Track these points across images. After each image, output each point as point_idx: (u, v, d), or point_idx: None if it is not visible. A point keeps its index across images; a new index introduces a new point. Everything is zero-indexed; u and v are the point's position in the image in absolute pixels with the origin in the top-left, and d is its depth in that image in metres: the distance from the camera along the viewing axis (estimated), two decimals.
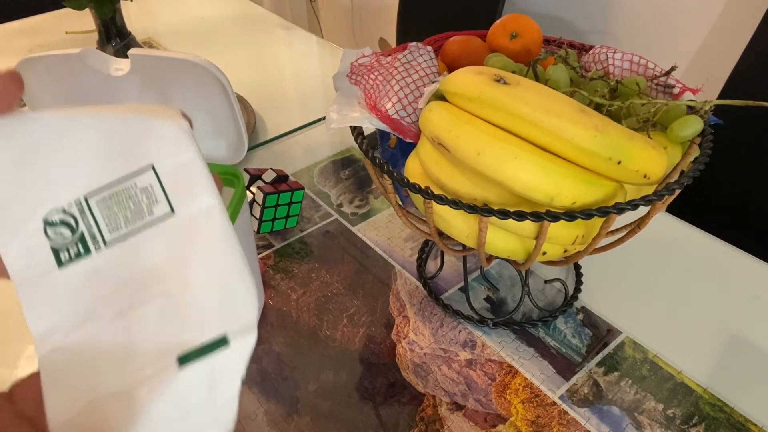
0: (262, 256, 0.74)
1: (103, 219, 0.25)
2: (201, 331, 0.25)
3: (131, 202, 0.25)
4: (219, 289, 0.25)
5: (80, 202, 0.24)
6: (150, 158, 0.25)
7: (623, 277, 0.70)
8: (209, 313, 0.25)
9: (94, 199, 0.25)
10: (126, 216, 0.25)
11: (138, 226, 0.25)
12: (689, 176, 0.47)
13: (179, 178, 0.25)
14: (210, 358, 0.25)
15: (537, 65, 0.54)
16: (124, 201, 0.25)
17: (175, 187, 0.25)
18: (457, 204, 0.47)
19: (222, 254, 0.26)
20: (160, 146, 0.25)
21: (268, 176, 0.75)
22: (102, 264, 0.25)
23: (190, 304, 0.25)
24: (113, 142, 0.25)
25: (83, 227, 0.25)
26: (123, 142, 0.25)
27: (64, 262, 0.25)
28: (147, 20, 1.40)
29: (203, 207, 0.25)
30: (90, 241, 0.25)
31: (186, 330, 0.25)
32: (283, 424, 0.56)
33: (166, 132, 0.26)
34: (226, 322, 0.25)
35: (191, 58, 0.49)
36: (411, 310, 0.67)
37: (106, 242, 0.25)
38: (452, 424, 0.56)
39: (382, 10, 2.25)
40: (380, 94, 0.55)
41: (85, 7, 0.99)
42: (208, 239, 0.25)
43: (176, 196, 0.25)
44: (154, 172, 0.25)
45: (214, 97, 0.52)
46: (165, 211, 0.25)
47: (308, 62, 1.23)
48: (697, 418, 0.55)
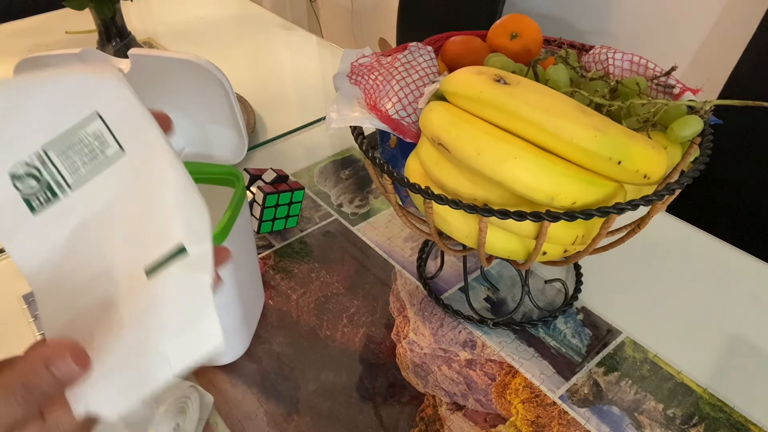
0: (262, 256, 0.74)
1: (63, 166, 0.29)
2: (161, 245, 0.29)
3: (85, 147, 0.29)
4: (172, 207, 0.29)
5: (39, 154, 0.28)
6: (94, 107, 0.29)
7: (623, 277, 0.70)
8: (166, 228, 0.29)
9: (52, 151, 0.28)
10: (83, 160, 0.29)
11: (95, 167, 0.29)
12: (689, 176, 0.47)
13: (123, 120, 0.29)
14: (173, 266, 0.28)
15: (537, 65, 0.54)
16: (79, 148, 0.29)
17: (121, 129, 0.29)
18: (457, 204, 0.47)
19: (170, 178, 0.29)
20: (101, 96, 0.29)
21: (268, 176, 0.75)
22: (71, 204, 0.29)
23: (149, 224, 0.29)
24: (59, 98, 0.28)
25: (47, 176, 0.28)
26: (68, 97, 0.29)
27: (36, 208, 0.28)
28: (147, 20, 1.40)
29: (147, 141, 0.29)
30: (56, 187, 0.29)
31: (150, 247, 0.29)
32: (283, 424, 0.56)
33: (104, 84, 0.29)
34: (182, 234, 0.29)
35: (191, 58, 0.49)
36: (411, 310, 0.67)
37: (70, 186, 0.29)
38: (452, 424, 0.56)
39: (382, 10, 2.25)
40: (380, 94, 0.55)
41: (85, 7, 0.99)
42: (156, 167, 0.29)
43: (123, 136, 0.29)
44: (101, 119, 0.29)
45: (214, 97, 0.52)
46: (116, 151, 0.29)
47: (308, 62, 1.23)
48: (697, 418, 0.55)
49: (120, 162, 0.29)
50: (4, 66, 1.13)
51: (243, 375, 0.60)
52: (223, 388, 0.59)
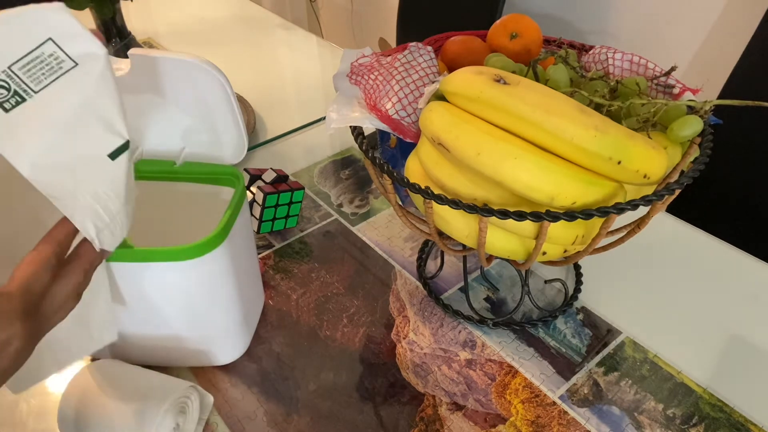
0: (262, 256, 0.74)
1: (28, 78, 0.38)
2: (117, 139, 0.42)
3: (44, 63, 0.38)
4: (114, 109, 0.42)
5: (6, 71, 0.37)
6: (46, 35, 0.39)
7: (623, 277, 0.70)
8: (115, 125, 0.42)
9: (16, 67, 0.37)
10: (44, 73, 0.38)
11: (55, 77, 0.39)
12: (689, 176, 0.47)
13: (73, 42, 0.39)
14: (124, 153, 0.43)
15: (537, 65, 0.54)
16: (39, 64, 0.38)
17: (72, 48, 0.39)
18: (457, 204, 0.47)
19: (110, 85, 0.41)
20: (51, 26, 0.39)
21: (268, 176, 0.75)
22: (37, 105, 0.38)
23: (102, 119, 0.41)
24: (17, 31, 0.38)
25: (15, 86, 0.37)
26: (23, 29, 0.38)
27: (8, 109, 0.37)
28: (147, 20, 1.40)
29: (91, 54, 0.40)
30: (23, 93, 0.38)
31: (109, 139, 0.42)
32: (283, 424, 0.56)
33: (54, 15, 0.39)
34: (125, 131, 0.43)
35: (191, 58, 0.49)
36: (411, 310, 0.67)
37: (35, 91, 0.38)
38: (452, 424, 0.56)
39: (382, 10, 2.25)
40: (380, 94, 0.55)
41: (85, 7, 0.99)
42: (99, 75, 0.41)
43: (74, 53, 0.39)
44: (54, 42, 0.39)
45: (214, 97, 0.52)
46: (71, 65, 0.40)
47: (308, 62, 1.23)
48: (697, 418, 0.55)
49: (74, 71, 0.39)
50: None
51: (243, 375, 0.60)
52: (223, 388, 0.59)
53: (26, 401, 0.58)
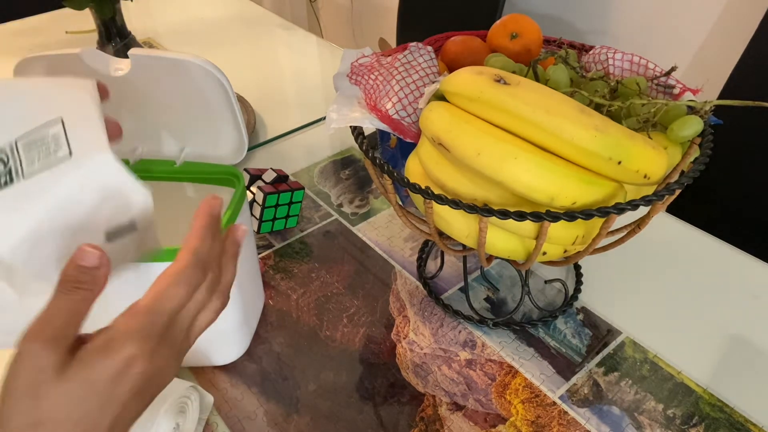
0: (262, 256, 0.74)
1: (24, 157, 0.34)
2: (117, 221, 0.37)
3: (44, 145, 0.35)
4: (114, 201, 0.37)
5: (12, 145, 0.34)
6: (61, 113, 0.35)
7: (623, 277, 0.70)
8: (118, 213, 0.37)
9: (21, 142, 0.34)
10: (38, 155, 0.34)
11: (47, 164, 0.35)
12: (689, 176, 0.47)
13: (79, 128, 0.35)
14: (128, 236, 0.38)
15: (537, 65, 0.54)
16: (39, 144, 0.35)
17: (75, 135, 0.35)
18: (457, 204, 0.47)
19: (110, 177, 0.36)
20: (70, 105, 0.36)
21: (268, 176, 0.75)
22: (23, 190, 0.34)
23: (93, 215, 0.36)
24: (38, 102, 0.35)
25: (12, 164, 0.34)
26: (45, 102, 0.35)
27: None
28: (147, 20, 1.40)
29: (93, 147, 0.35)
30: (14, 174, 0.34)
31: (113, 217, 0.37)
32: (283, 424, 0.56)
33: (76, 95, 0.36)
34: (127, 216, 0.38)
35: (191, 58, 0.49)
36: (411, 310, 0.67)
37: (24, 175, 0.34)
38: (452, 424, 0.56)
39: (382, 10, 2.25)
40: (380, 94, 0.55)
41: (85, 7, 0.99)
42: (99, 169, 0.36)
43: (75, 141, 0.35)
44: (62, 124, 0.35)
45: (214, 97, 0.52)
46: (65, 154, 0.35)
47: (308, 62, 1.23)
48: (697, 418, 0.55)
49: (64, 164, 0.35)
50: (4, 66, 1.13)
51: (243, 375, 0.60)
52: (223, 388, 0.59)
53: None
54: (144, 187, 0.37)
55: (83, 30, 1.26)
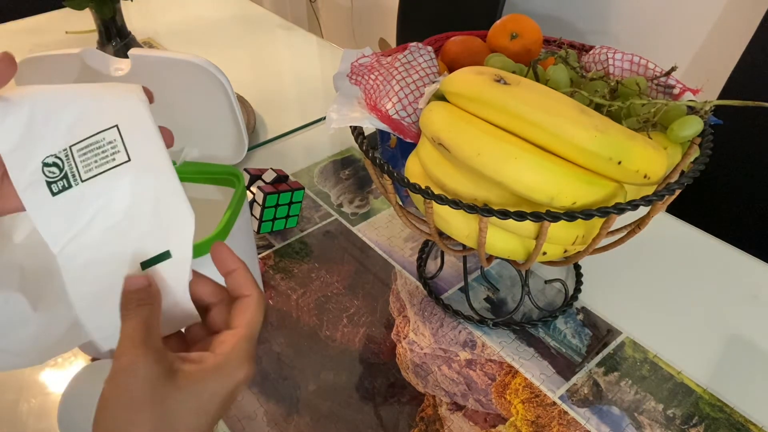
0: (262, 256, 0.74)
1: (81, 162, 0.35)
2: (154, 247, 0.37)
3: (100, 150, 0.35)
4: (164, 213, 0.37)
5: (66, 150, 0.35)
6: (116, 120, 0.36)
7: (623, 277, 0.70)
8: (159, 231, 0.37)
9: (76, 148, 0.35)
10: (96, 161, 0.35)
11: (105, 169, 0.35)
12: (689, 176, 0.47)
13: (135, 134, 0.36)
14: (161, 264, 0.37)
15: (537, 65, 0.54)
16: (95, 150, 0.35)
17: (132, 141, 0.36)
18: (457, 204, 0.47)
19: (166, 187, 0.37)
20: (124, 112, 0.36)
21: (268, 176, 0.75)
22: (80, 194, 0.35)
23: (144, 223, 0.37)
24: (92, 108, 0.36)
25: (67, 168, 0.35)
26: (99, 108, 0.36)
27: (55, 192, 0.35)
28: (147, 20, 1.40)
29: (151, 155, 0.36)
30: (71, 178, 0.35)
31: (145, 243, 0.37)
32: (283, 424, 0.56)
33: (128, 102, 0.37)
34: (168, 241, 0.37)
35: (191, 58, 0.49)
36: (411, 310, 0.67)
37: (82, 179, 0.35)
38: (452, 424, 0.56)
39: (382, 10, 2.25)
40: (380, 94, 0.55)
41: (85, 7, 0.99)
42: (155, 176, 0.36)
43: (132, 147, 0.36)
44: (118, 130, 0.36)
45: (214, 97, 0.52)
46: (124, 159, 0.36)
47: (308, 62, 1.23)
48: (697, 418, 0.55)
49: (124, 167, 0.36)
50: None
51: None
52: None
53: (26, 401, 0.58)
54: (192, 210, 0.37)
55: (83, 30, 1.26)
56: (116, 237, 0.36)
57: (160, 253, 0.37)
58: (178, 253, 0.37)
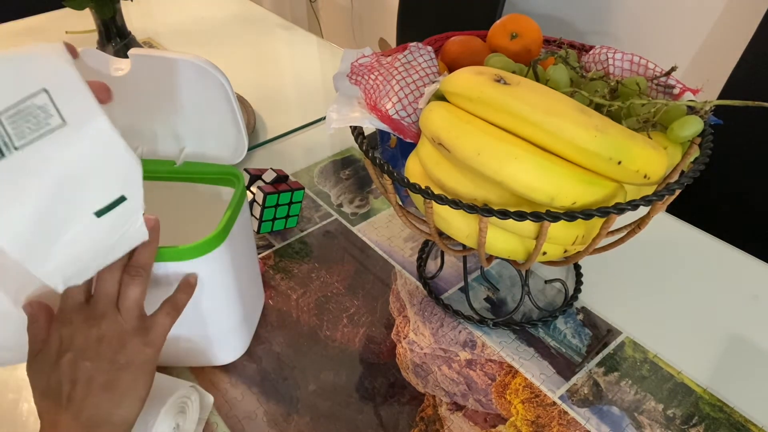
0: (262, 256, 0.74)
1: (12, 131, 0.34)
2: (107, 196, 0.38)
3: (32, 116, 0.35)
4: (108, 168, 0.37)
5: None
6: (43, 84, 0.35)
7: (623, 277, 0.70)
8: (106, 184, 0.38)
9: (4, 116, 0.34)
10: (29, 127, 0.35)
11: (39, 134, 0.35)
12: (689, 176, 0.47)
13: (66, 95, 0.35)
14: (116, 208, 0.39)
15: (537, 65, 0.54)
16: (26, 116, 0.34)
17: (63, 103, 0.35)
18: (457, 204, 0.47)
19: (106, 143, 0.37)
20: (50, 74, 0.35)
21: (268, 176, 0.75)
22: (13, 165, 0.34)
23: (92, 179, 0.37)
24: (15, 74, 0.35)
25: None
26: (21, 73, 0.35)
27: None
28: (147, 20, 1.40)
29: (85, 113, 0.36)
30: (3, 148, 0.34)
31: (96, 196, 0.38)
32: (283, 424, 0.56)
33: (55, 64, 0.36)
34: (119, 187, 0.38)
35: (191, 58, 0.49)
36: (411, 310, 0.67)
37: (16, 147, 0.34)
38: (452, 424, 0.56)
39: (382, 10, 2.25)
40: (380, 94, 0.55)
41: (85, 7, 0.99)
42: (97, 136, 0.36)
43: (65, 109, 0.35)
44: (47, 93, 0.35)
45: (214, 97, 0.52)
46: (59, 123, 0.35)
47: (308, 62, 1.23)
48: (697, 418, 0.55)
49: (61, 130, 0.35)
50: None
51: (243, 375, 0.60)
52: (223, 388, 0.59)
53: (26, 401, 0.58)
54: (135, 155, 0.39)
55: (83, 30, 1.26)
56: (64, 198, 0.37)
57: (115, 199, 0.39)
58: (132, 195, 0.39)
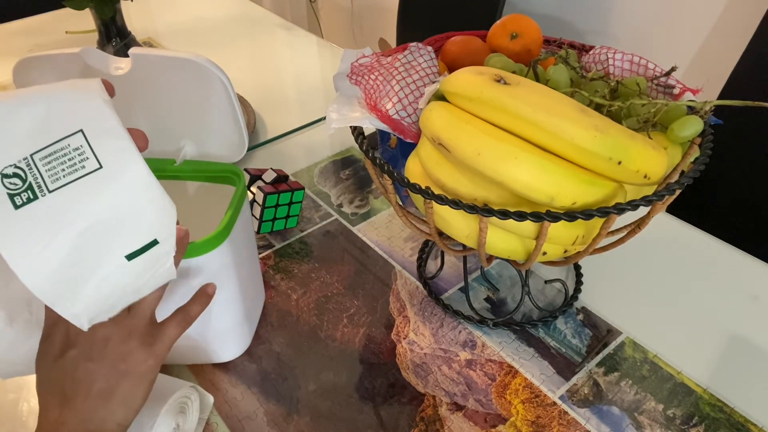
0: (262, 256, 0.74)
1: (46, 172, 0.33)
2: (139, 240, 0.36)
3: (66, 158, 0.33)
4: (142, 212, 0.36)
5: (27, 159, 0.33)
6: (80, 125, 0.34)
7: (623, 277, 0.70)
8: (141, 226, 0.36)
9: (38, 156, 0.33)
10: (63, 170, 0.33)
11: (75, 177, 0.33)
12: (689, 176, 0.47)
13: (103, 138, 0.34)
14: (148, 252, 0.37)
15: (537, 65, 0.54)
16: (61, 158, 0.33)
17: (100, 146, 0.34)
18: (457, 204, 0.47)
19: (143, 188, 0.36)
20: (87, 115, 0.34)
21: (268, 176, 0.75)
22: (47, 207, 0.33)
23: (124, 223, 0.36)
24: (51, 112, 0.33)
25: (31, 179, 0.33)
26: (58, 112, 0.34)
27: (19, 205, 0.33)
28: (147, 20, 1.40)
29: (122, 157, 0.35)
30: (36, 189, 0.33)
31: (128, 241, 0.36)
32: (283, 424, 0.56)
33: (89, 103, 0.35)
34: (153, 231, 0.37)
35: (192, 56, 0.49)
36: (411, 310, 0.67)
37: (49, 190, 0.33)
38: (452, 424, 0.56)
39: (382, 10, 2.25)
40: (380, 94, 0.55)
41: (85, 7, 0.99)
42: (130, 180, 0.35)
43: (102, 153, 0.34)
44: (83, 135, 0.34)
45: (215, 96, 0.52)
46: (95, 166, 0.34)
47: (308, 62, 1.23)
48: (697, 418, 0.55)
49: (96, 174, 0.34)
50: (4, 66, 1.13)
51: (243, 375, 0.60)
52: (223, 388, 0.59)
53: (26, 401, 0.58)
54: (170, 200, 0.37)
55: (83, 30, 1.26)
56: (96, 243, 0.35)
57: (147, 243, 0.37)
58: (164, 239, 0.38)
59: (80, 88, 0.35)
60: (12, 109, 0.33)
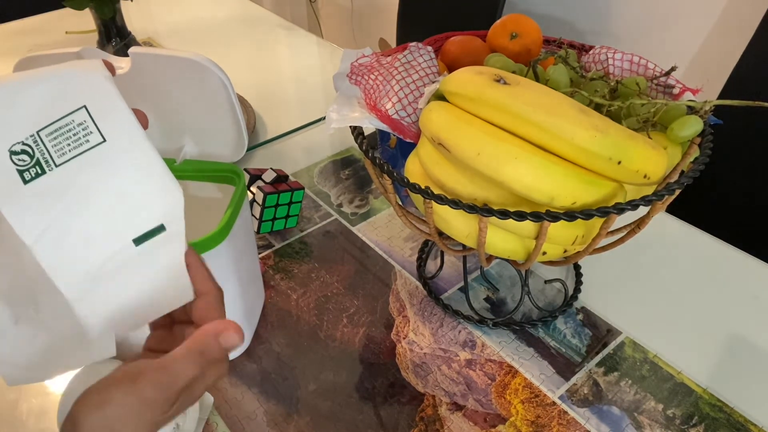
0: (262, 256, 0.74)
1: (52, 147, 0.34)
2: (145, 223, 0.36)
3: (72, 134, 0.34)
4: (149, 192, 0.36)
5: (34, 136, 0.34)
6: (83, 101, 0.35)
7: (623, 277, 0.70)
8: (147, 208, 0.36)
9: (44, 133, 0.34)
10: (69, 144, 0.34)
11: (80, 151, 0.34)
12: (689, 176, 0.47)
13: (106, 114, 0.35)
14: (155, 238, 0.36)
15: (537, 65, 0.54)
16: (66, 133, 0.34)
17: (103, 121, 0.35)
18: (457, 204, 0.47)
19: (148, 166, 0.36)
20: (88, 91, 0.35)
21: (268, 176, 0.75)
22: (57, 179, 0.34)
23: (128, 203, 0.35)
24: (55, 91, 0.35)
25: (39, 154, 0.34)
26: (61, 90, 0.35)
27: (28, 180, 0.34)
28: (147, 20, 1.40)
29: (126, 132, 0.35)
30: (44, 164, 0.34)
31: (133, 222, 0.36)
32: (283, 424, 0.56)
33: (92, 80, 0.35)
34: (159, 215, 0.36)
35: (192, 56, 0.49)
36: (411, 310, 0.67)
37: (56, 164, 0.34)
38: (452, 424, 0.56)
39: (382, 10, 2.25)
40: (380, 94, 0.55)
41: (85, 7, 0.99)
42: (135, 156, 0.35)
43: (106, 128, 0.35)
44: (87, 111, 0.34)
45: (215, 96, 0.52)
46: (99, 140, 0.35)
47: (308, 62, 1.23)
48: (697, 418, 0.55)
49: (100, 148, 0.35)
50: (4, 66, 1.13)
51: (243, 375, 0.60)
52: (223, 388, 0.59)
53: (26, 401, 0.58)
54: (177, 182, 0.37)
55: (83, 30, 1.26)
56: (102, 218, 0.35)
57: (154, 227, 0.36)
58: (172, 226, 0.36)
59: (83, 67, 0.36)
60: (18, 89, 0.35)
